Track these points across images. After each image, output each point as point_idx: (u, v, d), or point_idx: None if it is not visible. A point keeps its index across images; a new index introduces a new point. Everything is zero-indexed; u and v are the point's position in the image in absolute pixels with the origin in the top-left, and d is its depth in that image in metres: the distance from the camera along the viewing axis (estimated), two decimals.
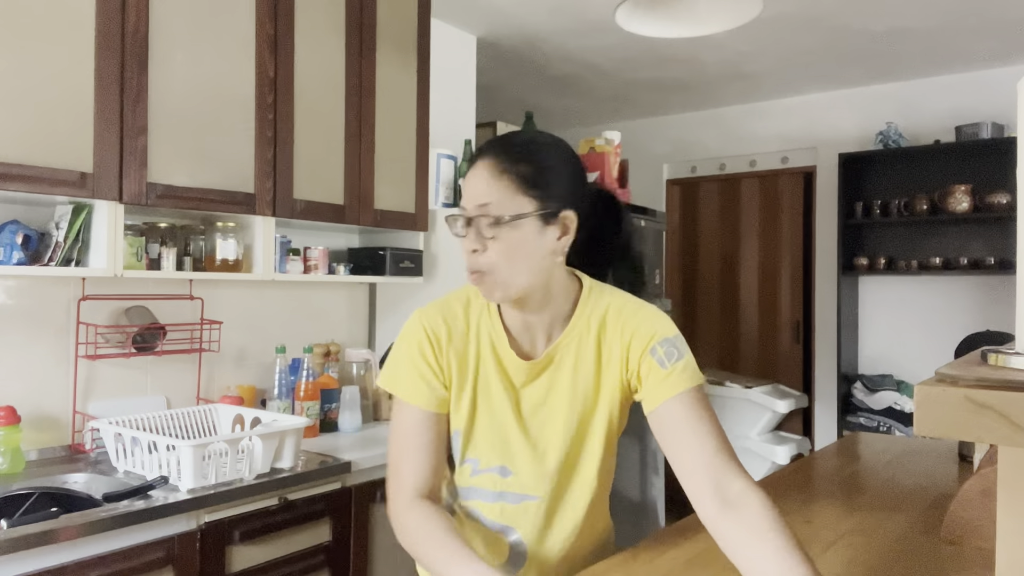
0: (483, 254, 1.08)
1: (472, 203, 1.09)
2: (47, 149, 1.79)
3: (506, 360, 1.17)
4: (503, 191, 1.08)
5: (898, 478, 1.77)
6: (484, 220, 1.07)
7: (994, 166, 3.86)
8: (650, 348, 1.14)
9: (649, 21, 2.88)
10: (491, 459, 1.18)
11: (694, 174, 5.19)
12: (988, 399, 0.61)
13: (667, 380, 1.11)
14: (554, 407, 1.17)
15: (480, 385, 1.17)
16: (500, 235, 1.07)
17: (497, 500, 1.19)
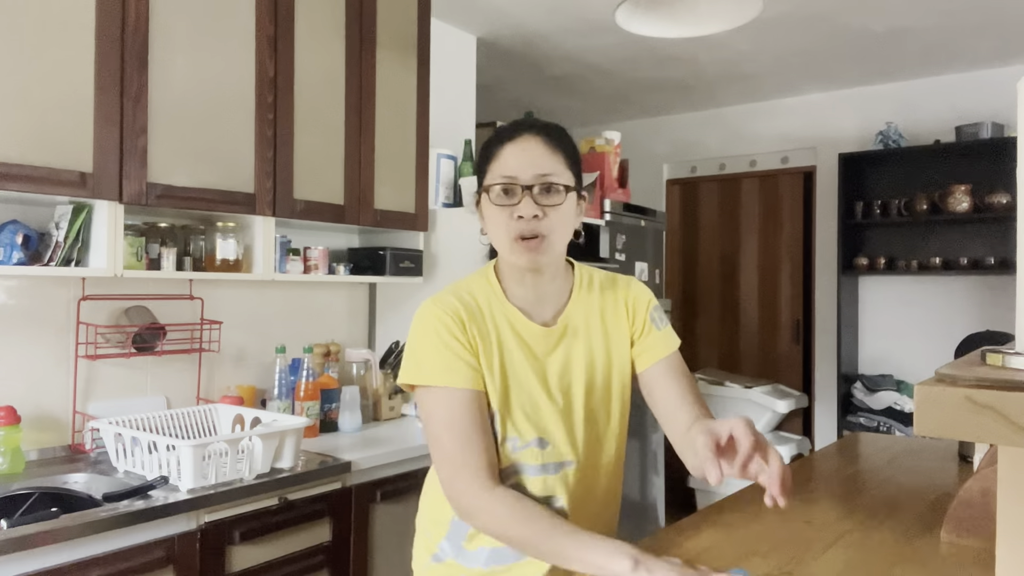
0: (544, 220, 1.16)
1: (528, 172, 1.16)
2: (47, 149, 1.79)
3: (526, 333, 1.23)
4: (559, 165, 1.19)
5: (898, 478, 1.77)
6: (546, 187, 1.17)
7: (994, 166, 3.86)
8: (649, 312, 1.29)
9: (649, 21, 2.88)
10: (529, 433, 1.21)
11: (694, 174, 5.19)
12: (988, 399, 0.61)
13: (662, 340, 1.28)
14: (575, 372, 1.24)
15: (507, 361, 1.21)
16: (561, 203, 1.17)
17: (540, 473, 1.22)
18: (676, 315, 5.07)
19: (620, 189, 3.58)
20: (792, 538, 1.31)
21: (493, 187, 1.18)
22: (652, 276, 3.78)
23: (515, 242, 1.17)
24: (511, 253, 1.18)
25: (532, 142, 1.19)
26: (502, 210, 1.17)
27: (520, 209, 1.16)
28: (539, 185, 1.16)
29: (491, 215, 1.20)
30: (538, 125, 1.23)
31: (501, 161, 1.19)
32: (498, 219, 1.18)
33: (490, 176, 1.20)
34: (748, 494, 1.58)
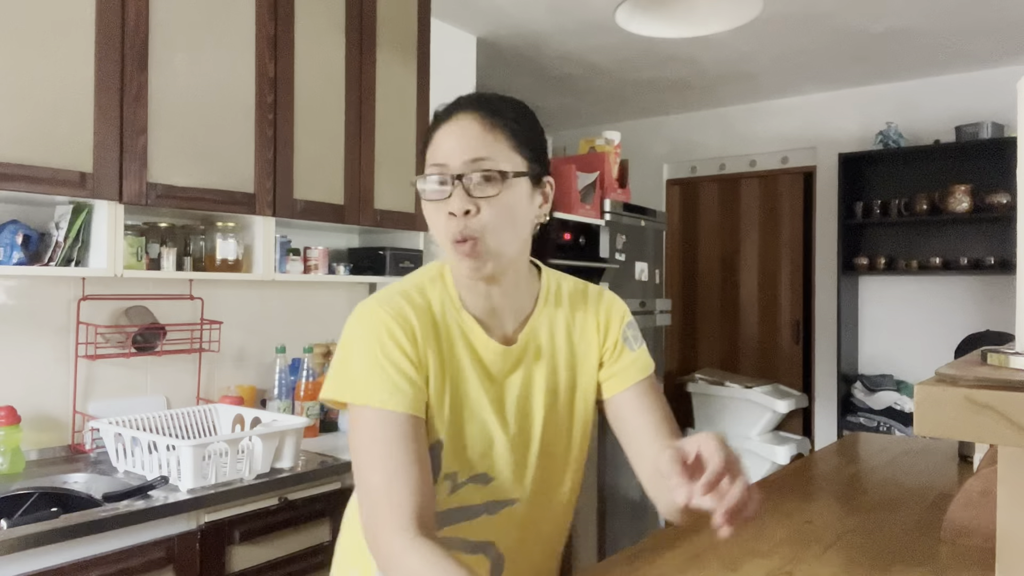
0: (476, 216, 0.95)
1: (459, 158, 0.95)
2: (47, 149, 1.79)
3: (483, 350, 1.04)
4: (498, 145, 0.97)
5: (898, 478, 1.77)
6: (478, 176, 0.95)
7: (994, 166, 3.86)
8: (623, 329, 1.12)
9: (649, 21, 2.88)
10: (473, 467, 1.03)
11: (694, 174, 5.19)
12: (988, 399, 0.61)
13: (635, 363, 1.10)
14: (535, 397, 1.07)
15: (460, 382, 1.03)
16: (497, 194, 0.96)
17: (480, 515, 1.05)
18: (676, 315, 5.07)
19: (620, 189, 3.58)
20: (792, 538, 1.31)
21: (425, 179, 0.98)
22: (652, 276, 3.78)
23: (453, 246, 0.97)
24: (454, 259, 0.98)
25: (465, 120, 0.98)
26: (435, 207, 0.97)
27: (451, 203, 0.95)
28: (471, 173, 0.95)
29: (428, 213, 1.00)
30: (476, 100, 1.02)
31: (434, 146, 1.00)
32: (433, 217, 0.99)
33: (424, 168, 1.01)
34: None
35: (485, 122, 0.98)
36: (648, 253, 3.75)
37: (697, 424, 4.65)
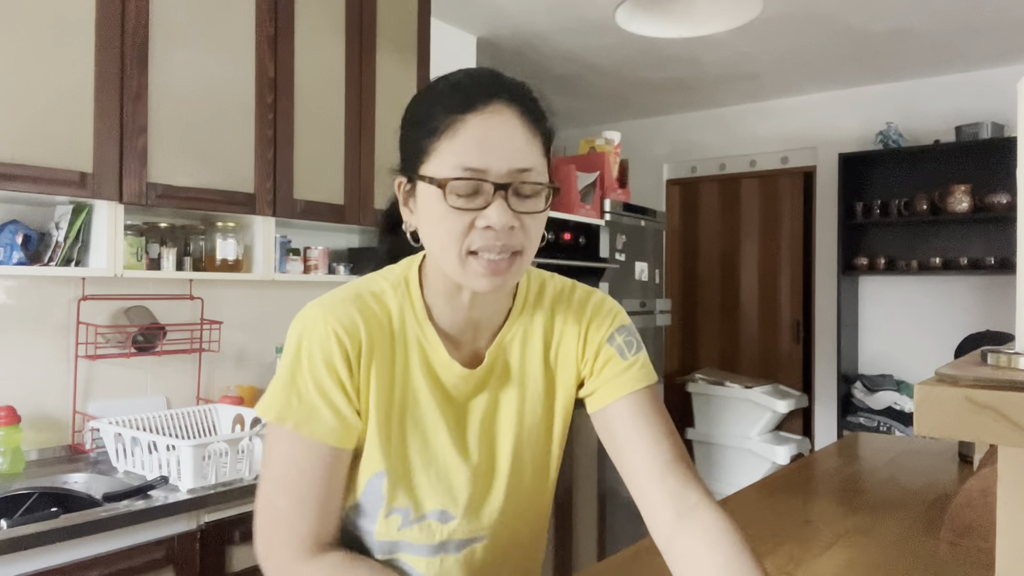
0: (518, 232, 0.82)
1: (502, 164, 0.81)
2: (47, 149, 1.79)
3: (444, 372, 0.91)
4: (539, 154, 0.85)
5: (898, 478, 1.77)
6: (526, 189, 0.82)
7: (994, 166, 3.86)
8: (609, 335, 0.96)
9: (649, 21, 2.88)
10: (428, 504, 0.92)
11: (694, 174, 5.19)
12: (988, 399, 0.61)
13: (626, 373, 0.94)
14: (503, 422, 0.95)
15: (412, 406, 0.91)
16: (543, 210, 0.85)
17: (436, 553, 0.93)
18: (676, 315, 5.07)
19: (620, 189, 3.58)
20: (792, 538, 1.31)
21: (451, 182, 0.80)
22: (652, 276, 3.78)
23: (470, 257, 0.82)
24: (462, 271, 0.83)
25: (508, 117, 0.83)
26: (460, 215, 0.81)
27: (489, 216, 0.80)
28: (517, 184, 0.82)
29: (439, 217, 0.82)
30: (511, 88, 0.87)
31: (460, 143, 0.81)
32: (451, 225, 0.81)
33: (441, 161, 0.82)
34: (748, 494, 1.58)
35: (528, 122, 0.86)
36: (648, 253, 3.75)
37: (697, 424, 4.65)
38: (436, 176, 0.81)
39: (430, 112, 0.84)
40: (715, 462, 4.56)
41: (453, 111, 0.82)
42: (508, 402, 0.95)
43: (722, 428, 4.51)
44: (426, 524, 0.92)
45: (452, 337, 0.93)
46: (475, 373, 0.92)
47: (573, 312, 0.98)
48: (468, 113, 0.82)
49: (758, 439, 4.36)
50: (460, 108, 0.82)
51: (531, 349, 0.96)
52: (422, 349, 0.91)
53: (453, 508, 0.92)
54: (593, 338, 0.96)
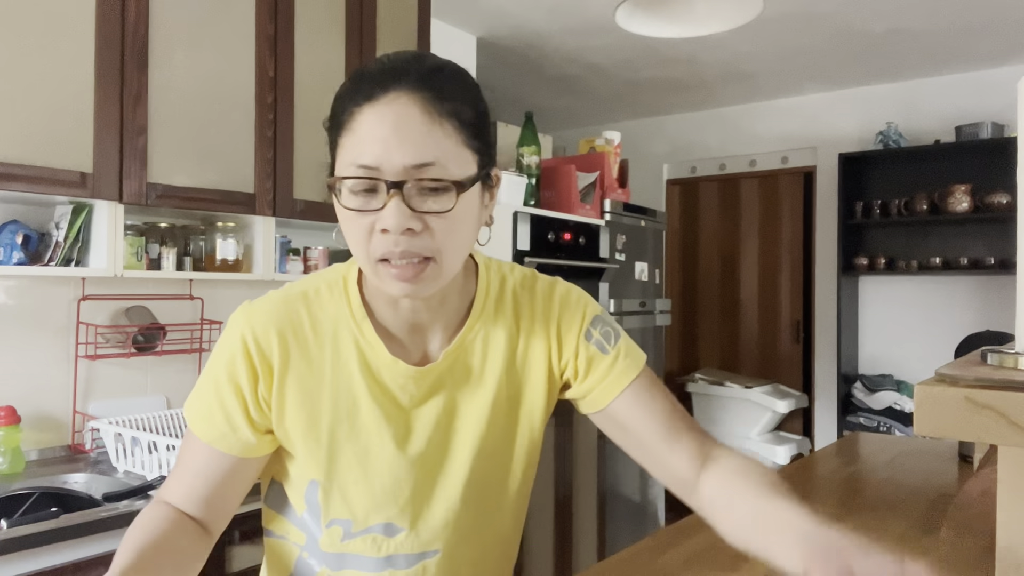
0: (423, 235, 0.74)
1: (396, 161, 0.72)
2: (47, 149, 1.79)
3: (386, 375, 0.85)
4: (447, 142, 0.74)
5: (898, 478, 1.77)
6: (426, 186, 0.73)
7: (994, 166, 3.86)
8: (584, 332, 0.90)
9: (649, 21, 2.88)
10: (371, 516, 0.86)
11: (694, 174, 5.19)
12: (988, 399, 0.61)
13: (614, 369, 0.89)
14: (462, 428, 0.88)
15: (347, 415, 0.85)
16: (450, 208, 0.74)
17: (383, 568, 0.88)
18: (676, 315, 5.07)
19: (620, 189, 3.58)
20: None
21: (340, 182, 0.75)
22: (652, 276, 3.78)
23: (380, 264, 0.76)
24: (376, 278, 0.78)
25: (404, 106, 0.73)
26: (358, 216, 0.74)
27: (384, 219, 0.73)
28: (414, 181, 0.73)
29: (344, 220, 0.77)
30: (415, 72, 0.75)
31: (355, 138, 0.74)
32: (353, 229, 0.76)
33: (341, 160, 0.76)
34: None
35: (430, 109, 0.74)
36: (648, 253, 3.75)
37: None
38: (335, 177, 0.76)
39: (337, 105, 0.79)
40: None
41: (352, 103, 0.75)
42: (467, 408, 0.88)
43: (722, 428, 4.51)
44: (370, 537, 0.87)
45: (399, 339, 0.87)
46: (427, 372, 0.86)
47: (539, 310, 0.91)
48: (365, 104, 0.74)
49: (758, 439, 4.36)
50: (360, 99, 0.75)
51: (494, 351, 0.89)
52: (360, 351, 0.85)
53: (400, 520, 0.87)
54: (568, 338, 0.91)
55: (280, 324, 0.84)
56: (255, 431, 0.85)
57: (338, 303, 0.87)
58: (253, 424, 0.84)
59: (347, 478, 0.86)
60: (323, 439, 0.85)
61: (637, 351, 0.93)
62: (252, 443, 0.85)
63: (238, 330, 0.84)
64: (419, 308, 0.85)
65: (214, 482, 0.85)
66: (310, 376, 0.85)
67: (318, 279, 0.89)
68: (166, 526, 0.81)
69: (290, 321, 0.85)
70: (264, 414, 0.84)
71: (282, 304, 0.86)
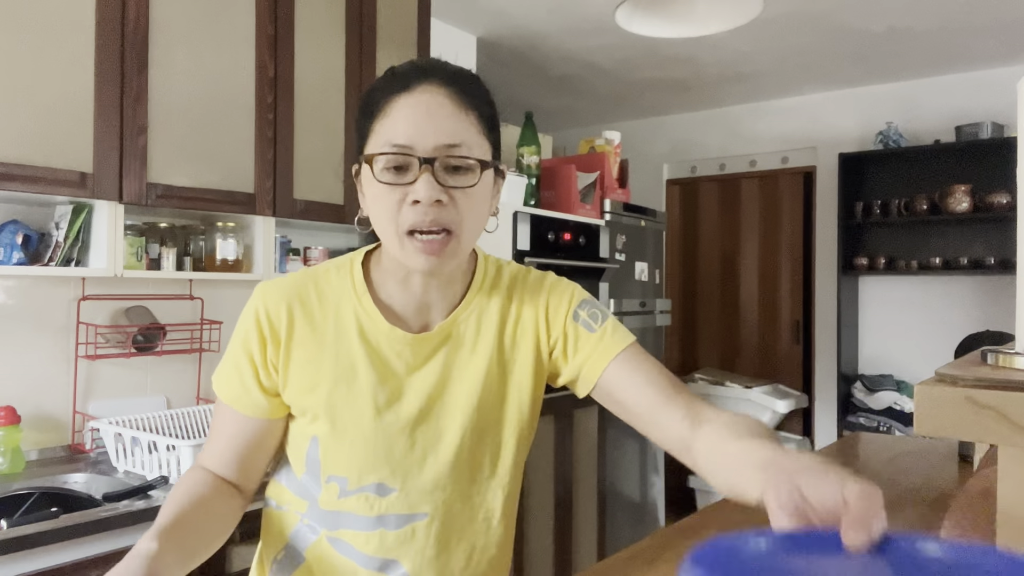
0: (449, 207, 0.84)
1: (428, 141, 0.83)
2: (47, 149, 1.79)
3: (384, 343, 0.93)
4: (471, 131, 0.87)
5: (898, 478, 1.77)
6: (453, 163, 0.85)
7: (994, 166, 3.86)
8: (571, 313, 0.96)
9: (649, 21, 2.88)
10: (364, 475, 0.93)
11: (694, 174, 5.19)
12: (988, 399, 0.61)
13: (601, 344, 0.94)
14: (453, 395, 0.94)
15: (345, 379, 0.92)
16: (474, 184, 0.86)
17: (375, 527, 0.93)
18: (676, 315, 5.07)
19: (620, 189, 3.58)
20: None
21: (377, 158, 0.85)
22: (652, 276, 3.78)
23: (407, 237, 0.85)
24: (402, 251, 0.86)
25: (435, 95, 0.85)
26: (390, 190, 0.84)
27: (416, 191, 0.83)
28: (444, 159, 0.84)
29: (375, 196, 0.87)
30: (444, 71, 0.88)
31: (390, 121, 0.85)
32: (384, 202, 0.85)
33: (375, 141, 0.86)
34: None
35: (457, 101, 0.86)
36: (648, 253, 3.75)
37: None
38: (368, 154, 0.86)
39: (371, 97, 0.89)
40: None
41: (388, 94, 0.87)
42: (459, 376, 0.95)
43: None
44: (363, 496, 0.93)
45: (400, 315, 0.95)
46: (422, 339, 0.93)
47: (529, 292, 0.99)
48: (400, 94, 0.86)
49: None
50: (394, 90, 0.86)
51: (486, 326, 0.96)
52: (359, 320, 0.94)
53: (391, 481, 0.93)
54: (555, 318, 0.97)
55: (289, 298, 0.94)
56: (265, 394, 0.94)
57: (343, 280, 0.96)
58: (263, 387, 0.94)
59: (344, 437, 0.92)
60: (323, 399, 0.92)
61: (625, 330, 0.97)
62: (264, 405, 0.94)
63: (253, 305, 0.95)
64: (430, 287, 0.93)
65: (241, 444, 0.96)
66: (313, 343, 0.93)
67: (329, 263, 1.00)
68: (202, 489, 0.93)
69: (299, 295, 0.95)
70: (272, 378, 0.94)
71: (294, 281, 0.96)
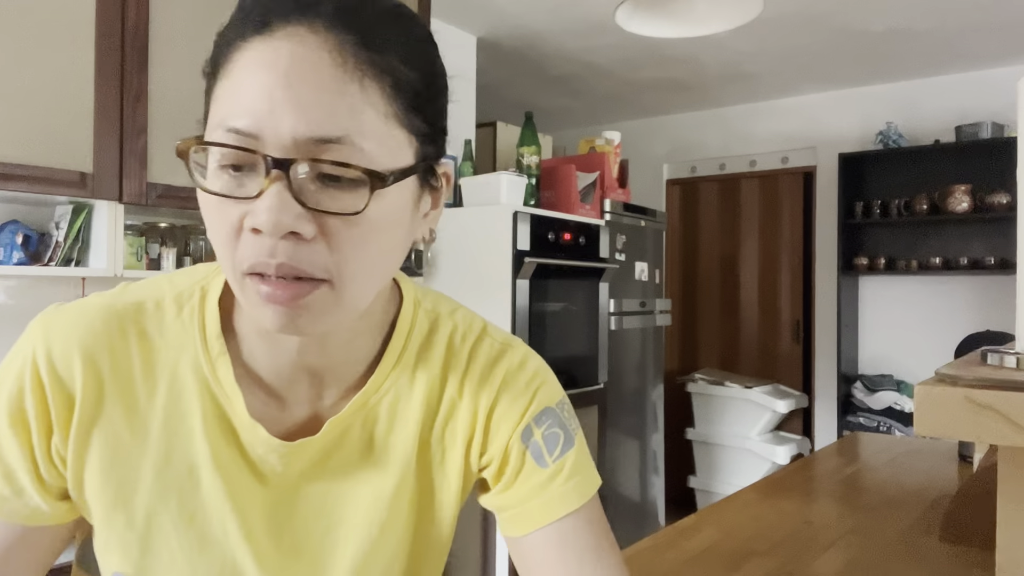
0: (315, 245, 0.50)
1: (287, 127, 0.48)
2: (47, 149, 1.79)
3: (249, 438, 0.60)
4: (368, 113, 0.50)
5: (898, 478, 1.77)
6: (327, 171, 0.49)
7: (994, 166, 3.86)
8: (524, 427, 0.65)
9: (649, 21, 2.88)
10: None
11: (694, 174, 5.19)
12: (988, 399, 0.61)
13: (546, 492, 0.64)
14: (343, 522, 0.63)
15: (172, 492, 0.59)
16: (361, 209, 0.50)
17: None
18: (676, 315, 5.07)
19: (620, 189, 3.58)
20: (792, 538, 1.31)
21: (199, 151, 0.51)
22: (652, 276, 3.78)
23: (248, 279, 0.51)
24: (241, 296, 0.53)
25: (307, 47, 0.49)
26: (224, 207, 0.50)
27: (256, 213, 0.48)
28: (311, 162, 0.48)
29: (204, 208, 0.52)
30: (336, 4, 0.50)
31: (233, 84, 0.50)
32: (216, 222, 0.51)
33: (210, 120, 0.52)
34: (748, 494, 1.58)
35: (348, 58, 0.49)
36: (648, 253, 3.75)
37: (697, 424, 4.65)
38: (197, 141, 0.51)
39: (218, 39, 0.56)
40: (715, 462, 4.56)
41: (237, 35, 0.53)
42: (356, 496, 0.63)
43: (722, 428, 4.51)
44: None
45: (274, 390, 0.61)
46: (299, 448, 0.60)
47: (476, 378, 0.66)
48: (252, 37, 0.51)
49: (758, 439, 4.36)
50: (246, 30, 0.52)
51: (403, 420, 0.64)
52: (211, 399, 0.59)
53: None
54: (501, 426, 0.65)
55: (90, 344, 0.58)
56: (46, 495, 0.59)
57: (186, 326, 0.60)
58: (43, 485, 0.59)
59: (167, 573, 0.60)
60: (138, 520, 0.59)
61: (588, 471, 0.67)
62: (44, 511, 0.60)
63: (30, 346, 0.58)
64: (308, 347, 0.59)
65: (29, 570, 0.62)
66: (128, 428, 0.59)
67: (166, 286, 0.62)
68: None
69: (108, 343, 0.58)
70: (57, 472, 0.59)
71: (101, 316, 0.59)
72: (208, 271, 0.64)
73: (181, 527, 0.60)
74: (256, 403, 0.60)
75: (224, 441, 0.60)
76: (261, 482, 0.61)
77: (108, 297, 0.61)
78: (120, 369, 0.58)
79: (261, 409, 0.60)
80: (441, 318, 0.67)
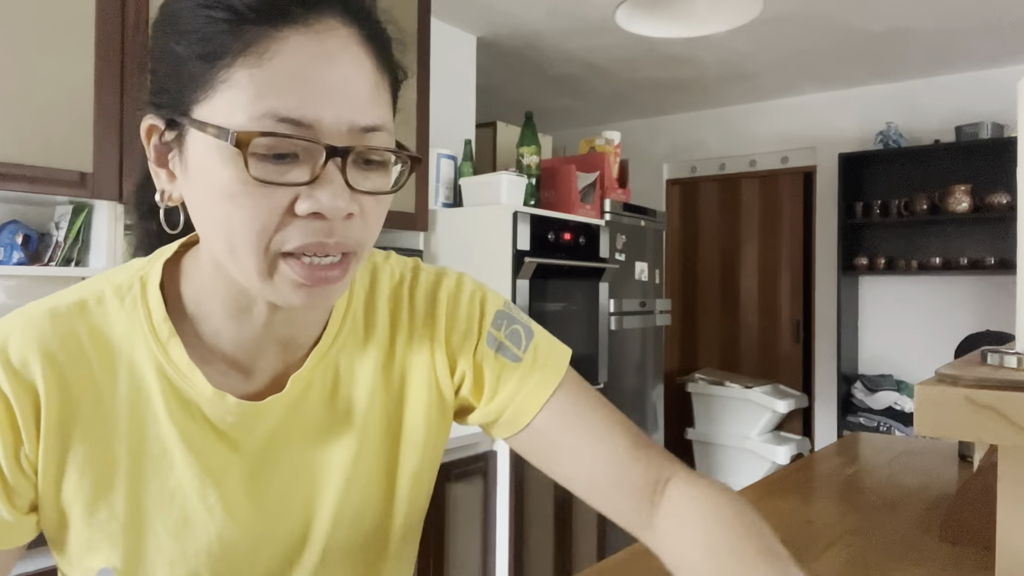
0: (356, 223, 0.55)
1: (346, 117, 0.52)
2: (47, 149, 1.79)
3: (210, 412, 0.61)
4: (388, 104, 0.56)
5: (898, 478, 1.77)
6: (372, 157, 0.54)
7: (994, 166, 3.86)
8: (485, 336, 0.69)
9: (649, 21, 2.88)
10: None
11: (694, 174, 5.19)
12: (988, 399, 0.61)
13: (529, 379, 0.68)
14: (317, 478, 0.65)
15: (150, 475, 0.60)
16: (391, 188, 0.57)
17: None
18: (676, 315, 5.08)
19: (620, 189, 3.58)
20: (792, 538, 1.31)
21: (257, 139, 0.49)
22: (652, 276, 3.78)
23: (283, 260, 0.53)
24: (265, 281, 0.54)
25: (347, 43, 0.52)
26: (268, 193, 0.51)
27: (320, 198, 0.51)
28: (358, 150, 0.53)
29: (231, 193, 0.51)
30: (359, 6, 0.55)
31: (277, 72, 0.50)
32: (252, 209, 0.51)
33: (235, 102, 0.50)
34: (748, 494, 1.58)
35: (375, 55, 0.55)
36: (648, 253, 3.75)
37: (697, 424, 4.65)
38: (228, 126, 0.50)
39: (211, 15, 0.51)
40: (715, 462, 4.57)
41: (258, 20, 0.50)
42: (326, 451, 0.65)
43: (722, 428, 4.52)
44: None
45: (239, 362, 0.62)
46: (266, 407, 0.61)
47: (421, 314, 0.69)
48: (284, 27, 0.50)
49: (758, 439, 4.36)
50: (270, 16, 0.50)
51: (362, 371, 0.66)
52: (167, 382, 0.60)
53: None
54: (463, 345, 0.69)
55: (46, 344, 0.57)
56: (13, 508, 0.58)
57: (131, 316, 0.60)
58: (10, 497, 0.58)
59: (157, 560, 0.60)
60: (120, 510, 0.59)
61: (556, 346, 0.72)
62: (11, 523, 0.59)
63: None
64: (281, 321, 0.61)
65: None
66: (97, 421, 0.58)
67: (104, 283, 0.63)
68: None
69: (61, 342, 0.58)
70: (27, 482, 0.58)
71: (48, 318, 0.58)
72: (143, 263, 0.65)
73: (163, 509, 0.60)
74: (216, 375, 0.62)
75: (189, 419, 0.61)
76: (234, 450, 0.62)
77: (48, 301, 0.61)
78: (78, 365, 0.58)
79: (223, 380, 0.62)
80: (378, 266, 0.71)
